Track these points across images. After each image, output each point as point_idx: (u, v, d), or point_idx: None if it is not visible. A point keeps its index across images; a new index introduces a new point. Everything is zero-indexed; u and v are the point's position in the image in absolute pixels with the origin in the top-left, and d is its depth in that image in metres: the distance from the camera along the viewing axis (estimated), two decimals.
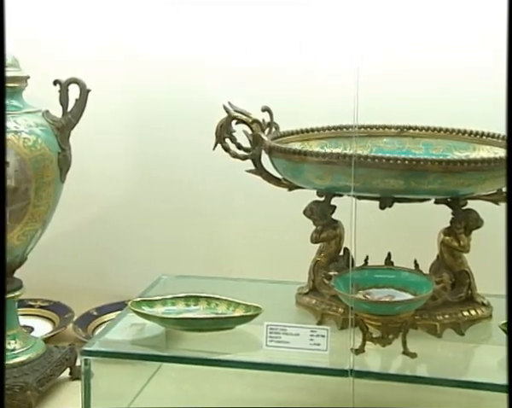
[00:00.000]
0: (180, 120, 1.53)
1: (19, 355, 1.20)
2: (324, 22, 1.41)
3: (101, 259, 1.59)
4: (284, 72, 1.44)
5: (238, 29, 1.47)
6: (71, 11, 1.52)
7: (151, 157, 1.56)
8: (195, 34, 1.50)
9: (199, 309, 1.16)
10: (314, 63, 1.43)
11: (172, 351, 1.12)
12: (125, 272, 1.58)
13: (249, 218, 1.51)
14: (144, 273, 1.49)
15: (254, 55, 1.44)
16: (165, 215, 1.56)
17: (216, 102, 1.45)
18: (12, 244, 1.16)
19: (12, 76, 1.15)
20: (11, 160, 1.11)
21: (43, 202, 1.16)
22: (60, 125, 1.18)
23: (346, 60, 1.37)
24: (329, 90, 1.43)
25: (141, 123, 1.56)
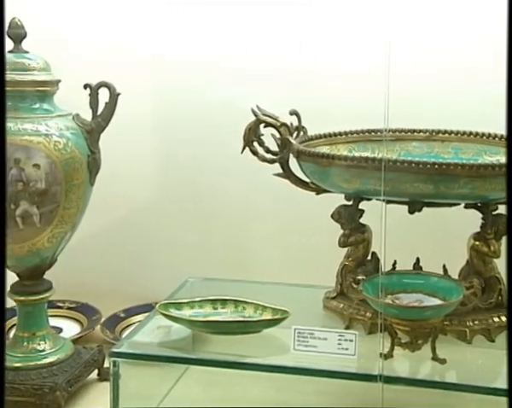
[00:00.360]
0: (207, 122, 1.53)
1: (48, 356, 1.21)
2: (352, 23, 1.41)
3: (128, 261, 1.60)
4: (311, 74, 1.44)
5: (263, 30, 1.47)
6: (97, 13, 1.53)
7: (178, 160, 1.56)
8: (221, 35, 1.50)
9: (226, 312, 1.16)
10: (340, 65, 1.43)
11: (199, 353, 1.12)
12: (151, 274, 1.58)
13: (276, 222, 1.51)
14: (171, 275, 1.49)
15: (282, 57, 1.45)
16: (191, 218, 1.57)
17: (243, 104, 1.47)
18: (42, 246, 1.17)
19: (43, 80, 1.17)
20: (42, 162, 1.12)
21: (73, 205, 1.18)
22: (89, 128, 1.19)
23: (373, 62, 1.38)
24: (356, 93, 1.42)
25: (168, 125, 1.56)
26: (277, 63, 1.45)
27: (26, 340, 1.22)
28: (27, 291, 1.21)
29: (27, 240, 1.16)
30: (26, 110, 1.15)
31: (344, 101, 1.42)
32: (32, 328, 1.22)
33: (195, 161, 1.55)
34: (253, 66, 1.47)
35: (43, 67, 1.17)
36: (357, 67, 1.40)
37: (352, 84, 1.42)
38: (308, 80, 1.44)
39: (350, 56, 1.41)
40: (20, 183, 1.11)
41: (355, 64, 1.41)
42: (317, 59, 1.43)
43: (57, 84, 1.19)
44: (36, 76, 1.16)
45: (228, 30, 1.49)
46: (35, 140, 1.12)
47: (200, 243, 1.56)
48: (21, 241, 1.16)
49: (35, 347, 1.21)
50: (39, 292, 1.21)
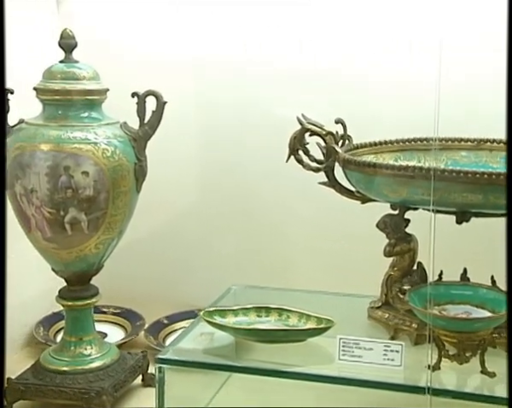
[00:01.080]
0: (250, 129, 1.53)
1: (94, 360, 1.23)
2: (400, 30, 1.39)
3: (171, 267, 1.61)
4: (356, 82, 1.44)
5: (308, 33, 1.47)
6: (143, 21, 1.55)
7: (222, 166, 1.57)
8: (267, 37, 1.49)
9: (270, 320, 1.16)
10: (386, 73, 1.42)
11: (243, 361, 1.12)
12: (194, 281, 1.59)
13: (320, 230, 1.51)
14: (213, 282, 1.50)
15: (326, 64, 1.44)
16: (235, 225, 1.57)
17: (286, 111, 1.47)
18: (89, 252, 1.19)
19: (92, 89, 1.19)
20: (91, 170, 1.14)
21: (120, 212, 1.19)
22: (137, 136, 1.21)
23: (418, 72, 1.37)
24: (401, 101, 1.41)
25: (210, 132, 1.57)
26: (322, 70, 1.45)
27: (74, 345, 1.24)
28: (75, 296, 1.23)
29: (75, 246, 1.18)
30: (76, 118, 1.17)
31: (389, 109, 1.42)
32: (79, 333, 1.24)
33: (239, 168, 1.56)
34: (298, 72, 1.47)
35: (92, 76, 1.19)
36: (403, 74, 1.40)
37: (397, 92, 1.41)
38: (353, 89, 1.44)
39: (396, 64, 1.40)
40: (70, 190, 1.13)
41: (402, 72, 1.40)
42: (362, 67, 1.43)
43: (106, 92, 1.21)
44: (85, 85, 1.18)
45: (272, 32, 1.49)
46: (84, 148, 1.14)
47: (242, 250, 1.56)
48: (69, 247, 1.18)
49: (82, 352, 1.23)
50: (86, 297, 1.23)
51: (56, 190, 1.13)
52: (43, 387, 1.19)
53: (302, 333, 1.11)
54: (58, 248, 1.18)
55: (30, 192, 1.14)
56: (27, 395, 1.19)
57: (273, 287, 1.34)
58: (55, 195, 1.13)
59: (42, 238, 1.17)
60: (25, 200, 1.15)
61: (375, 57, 1.42)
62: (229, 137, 1.55)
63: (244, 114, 1.53)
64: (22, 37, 1.43)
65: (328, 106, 1.36)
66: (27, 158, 1.14)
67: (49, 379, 1.20)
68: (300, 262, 1.53)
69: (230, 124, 1.55)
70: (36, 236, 1.18)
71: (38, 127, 1.17)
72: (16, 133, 1.18)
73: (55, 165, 1.13)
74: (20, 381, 1.20)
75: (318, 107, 1.29)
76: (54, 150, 1.13)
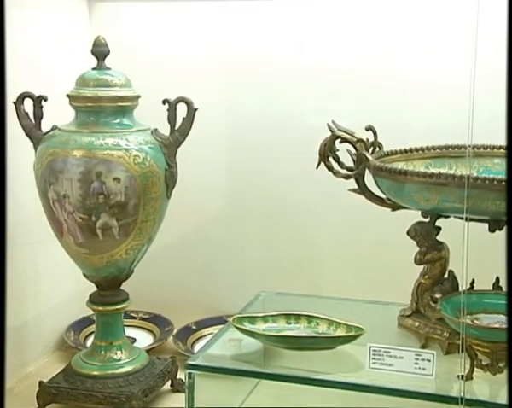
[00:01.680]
0: (279, 136, 1.53)
1: (124, 365, 1.24)
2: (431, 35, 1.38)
3: (200, 273, 1.62)
4: (387, 90, 1.43)
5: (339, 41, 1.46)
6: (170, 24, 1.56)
7: (250, 172, 1.57)
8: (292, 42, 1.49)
9: (299, 327, 1.16)
10: (417, 82, 1.41)
11: (271, 368, 1.12)
12: (222, 287, 1.60)
13: (350, 237, 1.50)
14: (241, 288, 1.51)
15: (356, 70, 1.44)
16: (263, 231, 1.57)
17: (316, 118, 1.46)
18: (120, 258, 1.20)
19: (124, 95, 1.20)
20: (122, 176, 1.15)
21: (150, 218, 1.20)
22: (167, 142, 1.21)
23: (450, 78, 1.36)
24: (433, 107, 1.40)
25: (240, 138, 1.57)
26: (353, 77, 1.45)
27: (104, 350, 1.25)
28: (105, 301, 1.24)
29: (106, 251, 1.19)
30: (108, 125, 1.19)
31: (420, 115, 1.41)
32: (109, 337, 1.25)
33: (268, 174, 1.56)
34: (329, 78, 1.46)
35: (124, 82, 1.21)
36: (435, 80, 1.39)
37: (428, 99, 1.40)
38: (384, 95, 1.44)
39: (428, 69, 1.39)
40: (101, 196, 1.15)
41: (433, 77, 1.39)
42: (393, 73, 1.42)
43: (137, 99, 1.22)
44: (117, 92, 1.19)
45: (300, 35, 1.49)
46: (116, 154, 1.15)
47: (271, 257, 1.56)
48: (100, 253, 1.19)
49: (112, 357, 1.24)
50: (117, 302, 1.24)
51: (88, 196, 1.14)
52: (74, 391, 1.20)
53: (332, 340, 1.11)
54: (89, 253, 1.19)
55: (62, 197, 1.16)
56: (59, 399, 1.21)
57: (302, 293, 1.34)
58: (87, 201, 1.15)
59: (74, 243, 1.19)
60: (57, 205, 1.17)
61: (407, 63, 1.41)
62: (258, 143, 1.55)
63: (273, 120, 1.53)
64: (55, 45, 1.45)
65: (359, 112, 1.36)
66: (60, 164, 1.15)
67: (80, 383, 1.21)
68: (330, 269, 1.52)
69: (259, 129, 1.54)
70: (68, 241, 1.19)
71: (71, 134, 1.18)
72: (49, 139, 1.20)
73: (87, 171, 1.14)
74: (52, 385, 1.21)
75: (348, 113, 1.29)
76: (86, 156, 1.15)
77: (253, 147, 1.56)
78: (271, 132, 1.54)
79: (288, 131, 1.52)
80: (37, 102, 1.22)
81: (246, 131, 1.56)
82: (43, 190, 1.18)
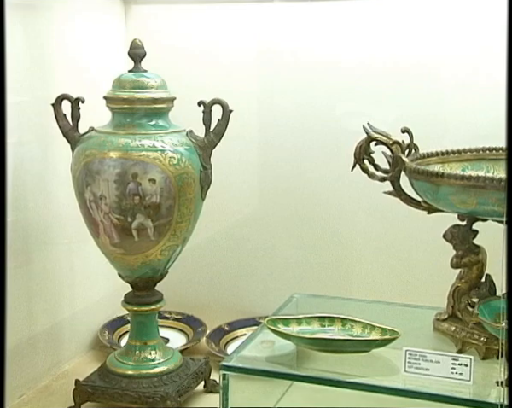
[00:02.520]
0: (314, 137, 1.53)
1: (158, 365, 1.25)
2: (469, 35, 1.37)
3: (233, 274, 1.62)
4: (423, 91, 1.42)
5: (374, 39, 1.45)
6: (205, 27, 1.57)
7: (284, 174, 1.56)
8: (327, 41, 1.49)
9: (333, 330, 1.16)
10: (453, 83, 1.40)
11: (305, 370, 1.12)
12: (254, 289, 1.60)
13: (384, 240, 1.49)
14: (274, 291, 1.51)
15: (392, 73, 1.43)
16: (297, 233, 1.57)
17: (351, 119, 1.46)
18: (155, 258, 1.21)
19: (160, 97, 1.21)
20: (157, 177, 1.16)
21: (185, 219, 1.21)
22: (202, 144, 1.22)
23: (487, 79, 1.35)
24: (469, 110, 1.39)
25: (274, 139, 1.57)
26: (389, 78, 1.44)
27: (138, 349, 1.26)
28: (140, 301, 1.25)
29: (141, 252, 1.20)
30: (144, 126, 1.20)
31: (456, 117, 1.39)
32: (143, 337, 1.26)
33: (302, 176, 1.55)
34: (364, 80, 1.46)
35: (160, 84, 1.21)
36: (471, 81, 1.37)
37: (465, 100, 1.38)
38: (419, 97, 1.43)
39: (464, 70, 1.38)
40: (137, 197, 1.15)
41: (470, 79, 1.38)
42: (429, 74, 1.41)
43: (173, 101, 1.23)
44: (153, 94, 1.20)
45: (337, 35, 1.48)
46: (151, 155, 1.16)
47: (304, 259, 1.56)
48: (136, 253, 1.20)
49: (146, 356, 1.25)
50: (151, 303, 1.25)
51: (124, 197, 1.15)
52: (110, 390, 1.21)
53: (366, 343, 1.10)
54: (125, 254, 1.20)
55: (99, 198, 1.17)
56: (94, 397, 1.22)
57: (335, 296, 1.34)
58: (123, 202, 1.16)
59: (109, 244, 1.20)
60: (94, 206, 1.18)
61: (443, 64, 1.40)
62: (292, 145, 1.55)
63: (307, 122, 1.53)
64: (93, 48, 1.47)
65: (394, 115, 1.35)
66: (97, 165, 1.17)
67: (115, 382, 1.22)
68: (363, 271, 1.51)
69: (293, 131, 1.54)
70: (104, 241, 1.20)
71: (108, 135, 1.19)
72: (86, 141, 1.21)
73: (124, 172, 1.15)
74: (88, 384, 1.23)
75: (384, 115, 1.28)
76: (122, 158, 1.16)
77: (287, 149, 1.56)
78: (305, 134, 1.54)
79: (322, 132, 1.52)
80: (74, 104, 1.23)
81: (280, 132, 1.56)
82: (80, 191, 1.19)
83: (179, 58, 1.54)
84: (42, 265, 1.37)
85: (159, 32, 1.54)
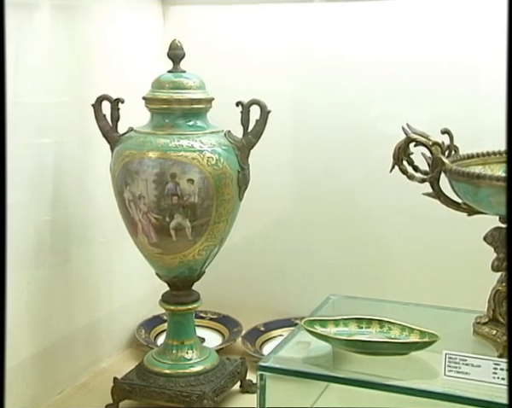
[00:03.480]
0: (350, 137, 1.52)
1: (195, 365, 1.26)
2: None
3: (268, 275, 1.62)
4: (463, 91, 1.40)
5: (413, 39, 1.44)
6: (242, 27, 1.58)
7: (320, 175, 1.56)
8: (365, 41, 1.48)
9: (371, 332, 1.15)
10: (492, 84, 1.38)
11: (341, 372, 1.11)
12: (290, 289, 1.60)
13: (423, 242, 1.48)
14: (309, 291, 1.50)
15: (431, 75, 1.42)
16: (332, 234, 1.56)
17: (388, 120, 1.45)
18: (192, 258, 1.22)
19: (199, 98, 1.21)
20: (196, 177, 1.17)
21: (223, 219, 1.21)
22: (240, 144, 1.22)
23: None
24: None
25: (309, 139, 1.56)
26: (428, 79, 1.43)
27: (175, 349, 1.26)
28: (177, 301, 1.26)
29: (179, 252, 1.21)
30: (182, 127, 1.20)
31: (496, 119, 1.37)
32: (180, 337, 1.27)
33: (338, 177, 1.55)
34: (402, 80, 1.45)
35: (198, 85, 1.22)
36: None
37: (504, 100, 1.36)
38: (459, 97, 1.41)
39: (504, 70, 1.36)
40: (175, 197, 1.16)
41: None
42: (469, 74, 1.39)
43: (211, 101, 1.24)
44: (192, 94, 1.21)
45: (374, 35, 1.47)
46: (190, 156, 1.17)
47: (340, 260, 1.55)
48: (173, 253, 1.21)
49: (183, 356, 1.26)
50: (188, 302, 1.26)
51: (163, 197, 1.16)
52: (147, 388, 1.22)
53: (405, 346, 1.09)
54: (162, 254, 1.21)
55: (138, 198, 1.18)
56: (132, 395, 1.23)
57: (372, 298, 1.33)
58: (162, 202, 1.17)
59: (148, 243, 1.21)
60: (133, 205, 1.19)
61: (483, 63, 1.38)
62: (329, 146, 1.54)
63: (344, 123, 1.52)
64: (132, 49, 1.49)
65: (434, 115, 1.34)
66: (136, 165, 1.18)
67: (153, 380, 1.23)
68: (400, 273, 1.50)
69: (329, 132, 1.54)
70: (142, 240, 1.22)
71: (147, 135, 1.20)
72: (126, 141, 1.22)
73: (162, 172, 1.16)
74: (126, 382, 1.24)
75: (423, 116, 1.27)
76: (161, 158, 1.17)
77: (322, 149, 1.55)
78: (341, 135, 1.53)
79: (357, 133, 1.51)
80: (114, 105, 1.25)
81: (316, 133, 1.55)
82: (119, 191, 1.21)
83: (217, 58, 1.55)
84: (81, 263, 1.39)
85: (196, 32, 1.55)
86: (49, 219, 1.31)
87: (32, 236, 1.26)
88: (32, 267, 1.26)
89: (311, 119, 1.56)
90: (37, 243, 1.27)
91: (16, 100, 1.19)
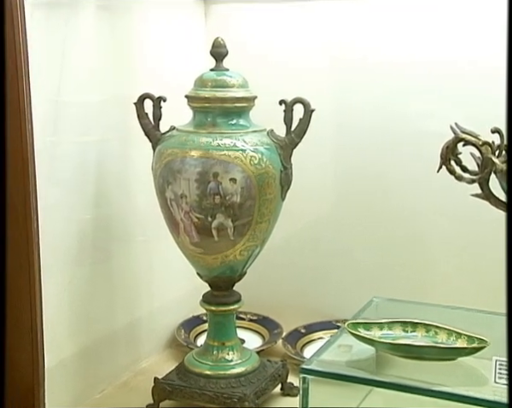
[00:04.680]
0: (392, 136, 1.50)
1: (236, 366, 1.25)
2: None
3: (309, 276, 1.61)
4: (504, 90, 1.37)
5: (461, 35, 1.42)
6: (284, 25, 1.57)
7: (363, 175, 1.54)
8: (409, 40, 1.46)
9: (417, 336, 1.13)
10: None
11: (385, 376, 1.09)
12: (332, 291, 1.58)
13: (469, 245, 1.44)
14: (351, 293, 1.49)
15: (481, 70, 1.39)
16: (375, 235, 1.54)
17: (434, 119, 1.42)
18: (234, 259, 1.21)
19: (241, 96, 1.21)
20: (238, 177, 1.16)
21: (265, 219, 1.20)
22: (283, 143, 1.21)
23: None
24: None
25: (351, 138, 1.55)
26: (474, 77, 1.40)
27: (216, 350, 1.26)
28: (218, 301, 1.25)
29: (221, 252, 1.20)
30: (225, 126, 1.20)
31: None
32: (221, 338, 1.26)
33: (381, 177, 1.52)
34: (450, 77, 1.42)
35: (241, 83, 1.21)
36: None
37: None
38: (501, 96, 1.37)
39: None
40: (218, 197, 1.16)
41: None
42: None
43: (254, 100, 1.23)
44: (235, 93, 1.20)
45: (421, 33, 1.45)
46: (233, 155, 1.16)
47: (383, 262, 1.53)
48: (215, 253, 1.20)
49: (224, 357, 1.25)
50: (229, 303, 1.25)
51: (205, 196, 1.16)
52: (188, 389, 1.22)
53: (452, 351, 1.07)
54: (204, 253, 1.21)
55: (180, 197, 1.17)
56: (173, 395, 1.23)
57: (416, 301, 1.30)
58: (204, 201, 1.16)
59: (189, 243, 1.20)
60: (174, 205, 1.19)
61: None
62: (370, 145, 1.52)
63: (387, 122, 1.50)
64: (174, 47, 1.49)
65: (482, 114, 1.30)
66: (178, 164, 1.18)
67: (194, 381, 1.22)
68: (445, 276, 1.47)
69: (371, 131, 1.52)
70: (183, 240, 1.21)
71: (189, 134, 1.20)
72: (168, 140, 1.22)
73: (205, 171, 1.16)
74: (167, 382, 1.24)
75: (471, 115, 1.24)
76: (203, 157, 1.16)
77: (364, 149, 1.53)
78: (385, 135, 1.51)
79: (400, 133, 1.49)
80: (156, 103, 1.25)
81: (359, 132, 1.53)
82: (161, 190, 1.21)
83: (258, 57, 1.54)
84: (121, 262, 1.40)
85: (238, 30, 1.54)
86: (90, 218, 1.31)
87: (74, 234, 1.27)
88: (73, 265, 1.27)
89: (354, 118, 1.54)
90: (78, 242, 1.28)
91: (58, 99, 1.21)
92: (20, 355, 1.02)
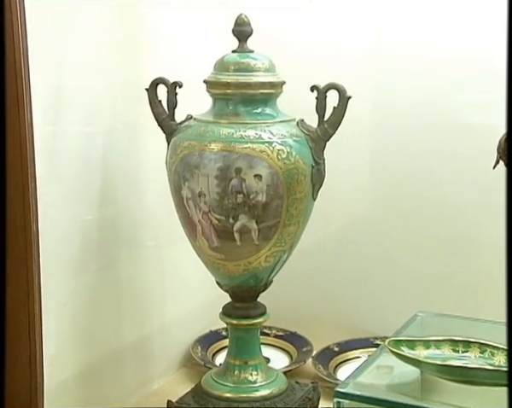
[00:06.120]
0: (434, 132, 1.50)
1: (260, 389, 1.24)
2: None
3: (343, 287, 1.61)
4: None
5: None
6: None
7: (404, 174, 1.54)
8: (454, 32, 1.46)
9: (469, 356, 1.14)
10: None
11: (432, 403, 1.09)
12: (370, 305, 1.58)
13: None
14: (391, 307, 1.49)
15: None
16: (419, 242, 1.54)
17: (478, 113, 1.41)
18: (258, 266, 1.21)
19: (268, 81, 1.20)
20: (264, 173, 1.15)
21: (294, 221, 1.20)
22: (315, 135, 1.20)
23: None
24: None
25: (391, 131, 1.55)
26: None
27: (238, 369, 1.25)
28: (241, 314, 1.25)
29: (244, 258, 1.19)
30: (249, 115, 1.19)
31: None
32: (243, 355, 1.26)
33: (422, 175, 1.53)
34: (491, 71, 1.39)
35: (268, 67, 1.21)
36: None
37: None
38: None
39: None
40: (241, 195, 1.15)
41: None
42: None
43: (282, 86, 1.22)
44: (261, 77, 1.19)
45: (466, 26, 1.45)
46: (257, 148, 1.15)
47: (428, 271, 1.52)
48: (237, 259, 1.20)
49: (247, 377, 1.25)
50: (253, 316, 1.25)
51: (226, 195, 1.15)
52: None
53: None
54: (225, 259, 1.20)
55: (198, 196, 1.17)
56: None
57: (467, 316, 1.30)
58: (225, 201, 1.15)
59: (208, 247, 1.20)
60: (192, 204, 1.18)
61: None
62: (414, 138, 1.52)
63: (427, 116, 1.50)
64: (190, 26, 1.49)
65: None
66: (196, 158, 1.17)
67: (212, 405, 1.22)
68: (500, 288, 1.44)
69: (411, 126, 1.52)
70: (201, 244, 1.21)
71: (208, 124, 1.19)
72: (184, 131, 1.22)
73: (226, 166, 1.15)
74: (182, 405, 1.24)
75: None
76: (225, 150, 1.15)
77: (408, 143, 1.53)
78: (429, 128, 1.51)
79: (442, 128, 1.49)
80: (171, 89, 1.24)
81: (400, 125, 1.53)
82: (177, 187, 1.20)
83: (286, 38, 1.55)
84: (129, 269, 1.40)
85: (263, 7, 1.54)
86: (95, 218, 1.32)
87: (77, 237, 1.28)
88: (76, 273, 1.27)
89: (394, 110, 1.54)
90: (81, 246, 1.28)
91: (61, 82, 1.21)
92: (17, 375, 1.02)
